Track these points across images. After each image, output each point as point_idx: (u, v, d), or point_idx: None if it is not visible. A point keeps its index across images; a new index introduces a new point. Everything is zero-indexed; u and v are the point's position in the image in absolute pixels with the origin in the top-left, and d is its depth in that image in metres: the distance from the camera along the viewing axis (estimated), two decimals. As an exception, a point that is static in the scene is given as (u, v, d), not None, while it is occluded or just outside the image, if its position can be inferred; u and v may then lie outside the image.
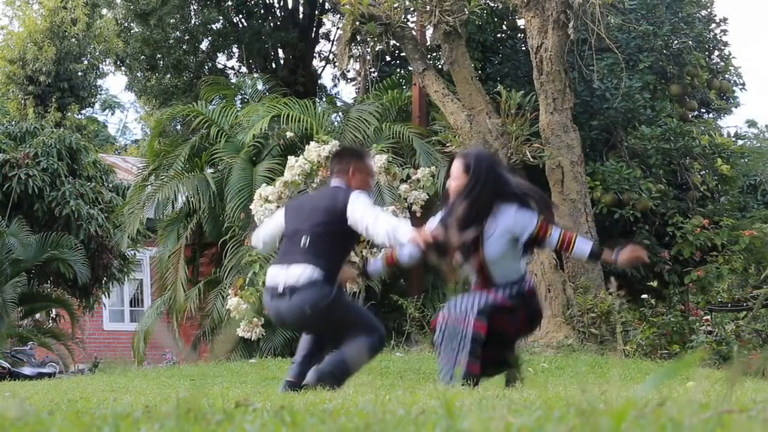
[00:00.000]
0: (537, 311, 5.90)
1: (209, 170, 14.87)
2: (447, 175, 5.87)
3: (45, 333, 17.08)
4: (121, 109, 48.05)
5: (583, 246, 5.83)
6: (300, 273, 5.58)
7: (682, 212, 14.95)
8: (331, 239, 5.67)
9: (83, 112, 30.48)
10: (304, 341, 5.89)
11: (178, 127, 20.91)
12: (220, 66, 22.60)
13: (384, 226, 5.48)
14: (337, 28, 21.31)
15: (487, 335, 5.56)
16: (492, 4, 15.91)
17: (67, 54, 27.12)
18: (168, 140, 18.19)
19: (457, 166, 5.76)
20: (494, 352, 5.66)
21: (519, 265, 5.77)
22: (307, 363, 5.70)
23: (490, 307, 5.59)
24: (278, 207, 12.50)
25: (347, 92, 65.04)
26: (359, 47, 14.53)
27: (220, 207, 14.09)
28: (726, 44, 17.41)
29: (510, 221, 5.63)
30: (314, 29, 22.52)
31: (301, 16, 22.26)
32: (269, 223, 6.22)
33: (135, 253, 17.91)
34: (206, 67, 21.79)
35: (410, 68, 13.96)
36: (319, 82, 23.30)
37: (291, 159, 12.65)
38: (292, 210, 5.96)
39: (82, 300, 17.30)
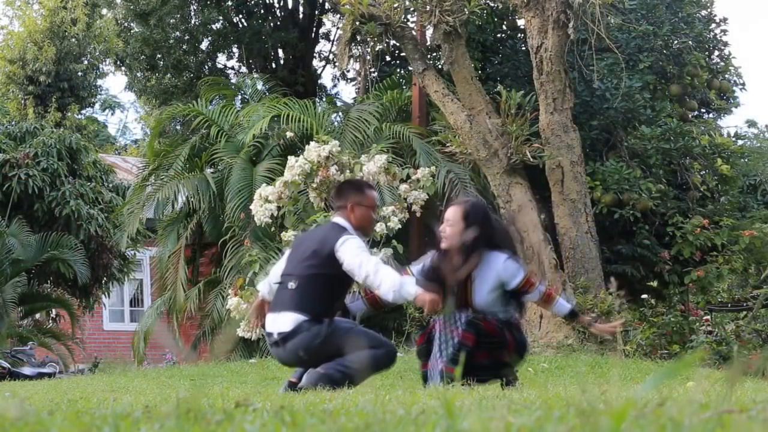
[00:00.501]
0: (523, 343, 5.98)
1: (209, 170, 14.87)
2: (440, 221, 5.99)
3: (45, 333, 17.08)
4: (121, 109, 48.08)
5: (564, 305, 6.14)
6: (288, 320, 5.65)
7: (682, 212, 14.94)
8: (319, 282, 5.67)
9: (83, 112, 30.49)
10: None
11: (178, 127, 20.92)
12: (220, 66, 22.60)
13: (389, 283, 5.47)
14: (337, 28, 21.31)
15: (476, 342, 5.67)
16: (492, 4, 15.90)
17: (67, 54, 27.12)
18: (168, 140, 18.19)
19: (454, 212, 5.92)
20: (487, 357, 5.71)
21: (507, 313, 5.91)
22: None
23: (480, 319, 5.74)
24: (278, 207, 12.51)
25: (347, 92, 65.06)
26: (359, 47, 14.53)
27: (220, 207, 14.09)
28: (726, 44, 17.41)
29: (500, 267, 5.80)
30: (314, 29, 22.52)
31: (301, 16, 22.26)
32: (276, 269, 6.11)
33: (135, 253, 17.91)
34: (206, 67, 21.79)
35: (410, 68, 13.96)
36: (319, 82, 23.30)
37: (291, 159, 12.64)
38: (292, 250, 5.98)
39: (82, 300, 17.30)
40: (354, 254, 5.57)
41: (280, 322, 5.69)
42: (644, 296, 13.85)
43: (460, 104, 12.40)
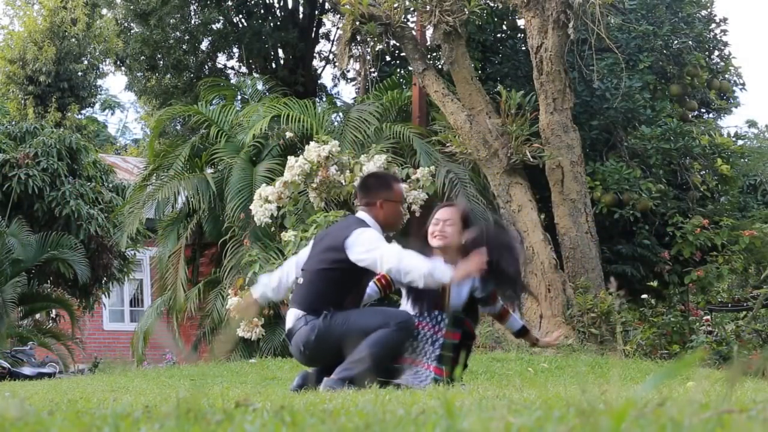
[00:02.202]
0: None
1: (209, 170, 14.87)
2: (429, 220, 5.94)
3: (45, 333, 17.09)
4: (121, 109, 48.09)
5: (517, 321, 6.23)
6: (290, 317, 5.60)
7: (682, 212, 14.95)
8: (326, 277, 5.52)
9: (83, 112, 30.51)
10: None
11: (178, 127, 20.93)
12: (220, 66, 22.61)
13: (417, 272, 5.27)
14: (337, 28, 21.32)
15: (460, 342, 5.73)
16: (492, 4, 15.90)
17: (67, 54, 27.13)
18: (168, 140, 18.21)
19: (452, 212, 5.86)
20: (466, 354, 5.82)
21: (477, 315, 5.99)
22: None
23: (460, 313, 5.77)
24: (278, 207, 12.51)
25: (347, 92, 65.02)
26: (359, 47, 14.53)
27: (220, 207, 14.09)
28: (726, 44, 17.41)
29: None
30: (314, 29, 22.52)
31: (301, 16, 22.27)
32: (281, 271, 5.95)
33: (135, 253, 17.92)
34: (206, 67, 21.80)
35: (410, 68, 13.96)
36: (319, 82, 23.30)
37: (291, 159, 12.65)
38: (312, 246, 5.78)
39: (82, 300, 17.30)
40: (370, 249, 5.38)
41: (287, 318, 5.64)
42: (644, 296, 13.85)
43: (460, 104, 12.40)
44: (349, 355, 5.36)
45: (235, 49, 22.16)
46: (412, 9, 13.59)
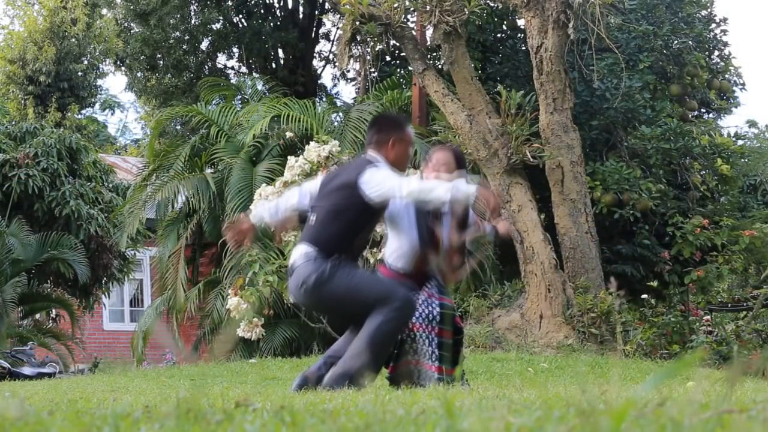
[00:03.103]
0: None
1: (209, 170, 14.87)
2: (425, 166, 5.97)
3: (45, 333, 17.09)
4: (121, 109, 48.08)
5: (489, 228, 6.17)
6: (299, 251, 5.45)
7: (682, 212, 14.94)
8: (340, 216, 5.41)
9: (83, 112, 30.52)
10: (339, 343, 5.68)
11: (178, 127, 20.93)
12: (220, 66, 22.61)
13: (440, 189, 5.18)
14: (337, 28, 21.33)
15: (453, 339, 5.74)
16: (492, 4, 15.90)
17: (67, 54, 27.13)
18: (168, 140, 18.21)
19: (446, 156, 5.92)
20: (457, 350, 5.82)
21: None
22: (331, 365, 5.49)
23: (450, 309, 5.78)
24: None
25: (347, 92, 65.04)
26: (359, 47, 14.52)
27: (220, 207, 14.09)
28: (726, 44, 17.41)
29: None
30: (314, 29, 22.53)
31: (301, 16, 22.27)
32: (284, 199, 5.86)
33: (135, 253, 17.92)
34: (206, 67, 21.81)
35: (410, 68, 13.95)
36: (319, 82, 23.32)
37: (291, 159, 12.65)
38: (321, 184, 5.68)
39: (82, 300, 17.30)
40: (386, 179, 5.33)
41: (295, 253, 5.49)
42: (644, 296, 13.84)
43: (460, 104, 12.40)
44: (349, 347, 5.33)
45: (235, 49, 22.17)
46: (412, 9, 13.58)
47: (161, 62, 21.41)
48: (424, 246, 5.71)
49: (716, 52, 17.41)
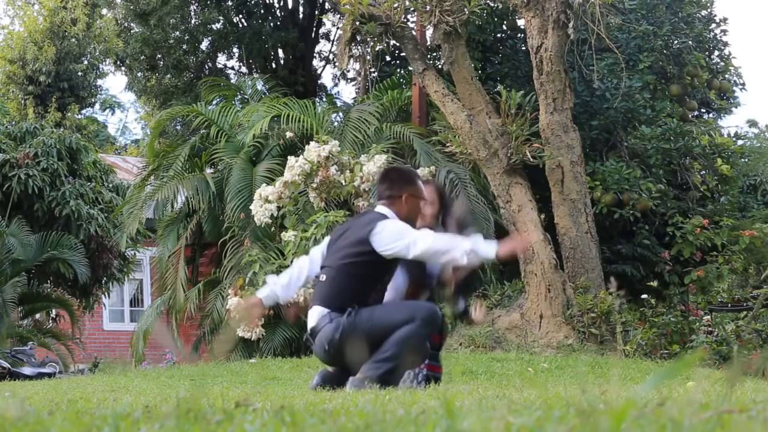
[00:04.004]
0: None
1: (209, 170, 14.87)
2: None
3: (45, 333, 17.09)
4: (121, 109, 48.08)
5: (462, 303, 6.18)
6: (314, 314, 5.47)
7: (682, 212, 14.94)
8: (351, 272, 5.40)
9: (83, 112, 30.52)
10: None
11: (178, 127, 20.91)
12: (220, 66, 22.61)
13: (459, 250, 5.17)
14: (337, 28, 21.32)
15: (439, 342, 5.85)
16: (492, 4, 15.90)
17: (67, 54, 27.14)
18: (168, 140, 18.20)
19: (430, 194, 5.88)
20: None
21: None
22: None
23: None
24: (278, 207, 12.50)
25: (347, 92, 65.03)
26: (359, 47, 14.52)
27: (220, 207, 14.09)
28: (726, 44, 17.41)
29: None
30: (314, 29, 22.53)
31: (301, 16, 22.27)
32: (292, 269, 5.77)
33: (135, 253, 17.92)
34: (206, 67, 21.80)
35: (410, 68, 13.95)
36: (319, 82, 23.32)
37: (291, 159, 12.65)
38: (329, 242, 5.67)
39: (82, 300, 17.31)
40: (400, 236, 5.28)
41: (310, 317, 5.50)
42: (644, 296, 13.84)
43: (460, 104, 12.40)
44: (375, 354, 5.28)
45: (235, 49, 22.16)
46: (412, 9, 13.58)
47: (161, 62, 21.40)
48: (413, 282, 5.76)
49: (716, 52, 17.41)
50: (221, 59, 22.70)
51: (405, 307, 5.44)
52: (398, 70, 16.73)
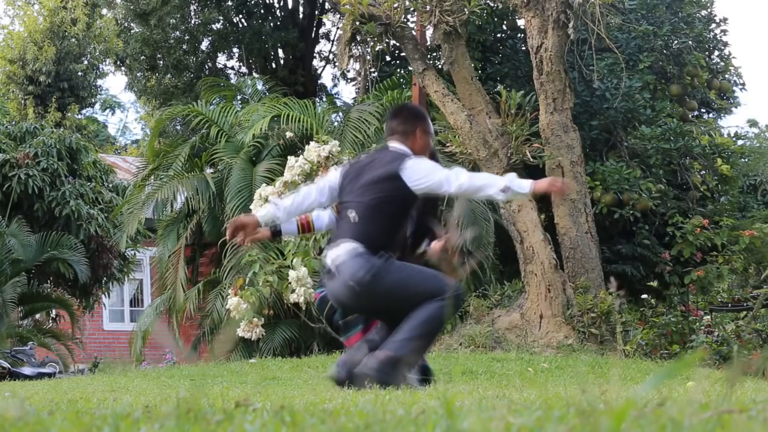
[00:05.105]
0: None
1: (209, 170, 14.87)
2: None
3: (45, 333, 17.09)
4: (121, 109, 48.09)
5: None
6: (344, 248, 5.20)
7: (682, 212, 14.94)
8: (383, 210, 5.23)
9: (83, 112, 30.52)
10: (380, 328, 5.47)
11: (178, 127, 20.92)
12: (220, 66, 22.61)
13: (496, 185, 5.08)
14: (337, 28, 21.32)
15: None
16: (492, 4, 15.90)
17: (67, 54, 27.14)
18: (168, 140, 18.21)
19: None
20: None
21: None
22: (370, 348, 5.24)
23: None
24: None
25: (347, 92, 65.02)
26: (359, 47, 14.52)
27: (220, 207, 14.09)
28: (726, 44, 17.41)
29: None
30: (314, 29, 22.53)
31: (301, 16, 22.27)
32: (299, 197, 5.48)
33: (135, 253, 17.92)
34: (206, 67, 21.81)
35: (410, 68, 13.95)
36: (319, 82, 23.32)
37: (291, 159, 12.65)
38: (347, 179, 5.43)
39: (82, 300, 17.31)
40: (433, 170, 5.21)
41: (337, 251, 5.24)
42: (644, 296, 13.85)
43: (460, 104, 12.40)
44: (399, 330, 5.11)
45: (235, 49, 22.17)
46: (412, 9, 13.58)
47: (161, 62, 21.41)
48: (415, 234, 5.67)
49: (716, 52, 17.42)
50: (221, 59, 22.72)
51: (435, 279, 5.24)
52: (398, 70, 16.74)
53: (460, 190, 5.17)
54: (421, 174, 5.20)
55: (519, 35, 16.20)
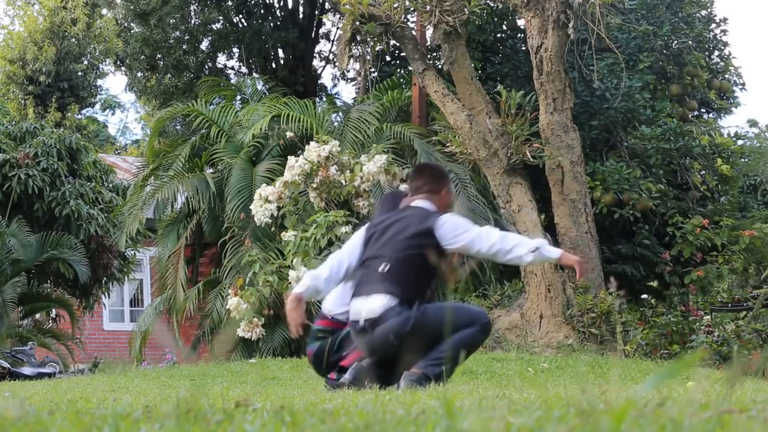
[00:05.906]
0: None
1: (209, 170, 14.86)
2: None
3: (45, 333, 17.09)
4: (121, 109, 48.08)
5: None
6: (377, 304, 5.35)
7: (682, 212, 14.94)
8: (414, 263, 5.40)
9: (83, 112, 30.53)
10: None
11: (178, 127, 20.91)
12: (220, 66, 22.60)
13: (524, 247, 5.30)
14: (337, 28, 21.31)
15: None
16: (492, 4, 15.89)
17: (67, 54, 27.14)
18: (168, 140, 18.20)
19: None
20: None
21: None
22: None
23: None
24: (278, 207, 12.51)
25: (347, 92, 65.06)
26: (359, 47, 14.52)
27: (220, 207, 14.09)
28: (726, 44, 17.41)
29: None
30: (314, 29, 22.52)
31: (301, 16, 22.26)
32: (334, 262, 5.64)
33: (135, 253, 17.92)
34: (206, 67, 21.79)
35: (410, 68, 13.95)
36: (319, 82, 23.30)
37: (291, 159, 12.65)
38: (372, 233, 5.61)
39: (82, 300, 17.31)
40: (466, 230, 5.39)
41: (369, 306, 5.38)
42: (644, 296, 13.84)
43: (460, 104, 12.40)
44: (432, 351, 5.28)
45: (235, 49, 22.15)
46: (412, 9, 13.58)
47: (161, 62, 21.39)
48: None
49: (716, 52, 17.41)
50: (221, 59, 22.70)
51: (467, 311, 5.58)
52: (398, 70, 16.73)
53: (492, 250, 5.40)
54: (456, 232, 5.40)
55: (519, 35, 16.19)
